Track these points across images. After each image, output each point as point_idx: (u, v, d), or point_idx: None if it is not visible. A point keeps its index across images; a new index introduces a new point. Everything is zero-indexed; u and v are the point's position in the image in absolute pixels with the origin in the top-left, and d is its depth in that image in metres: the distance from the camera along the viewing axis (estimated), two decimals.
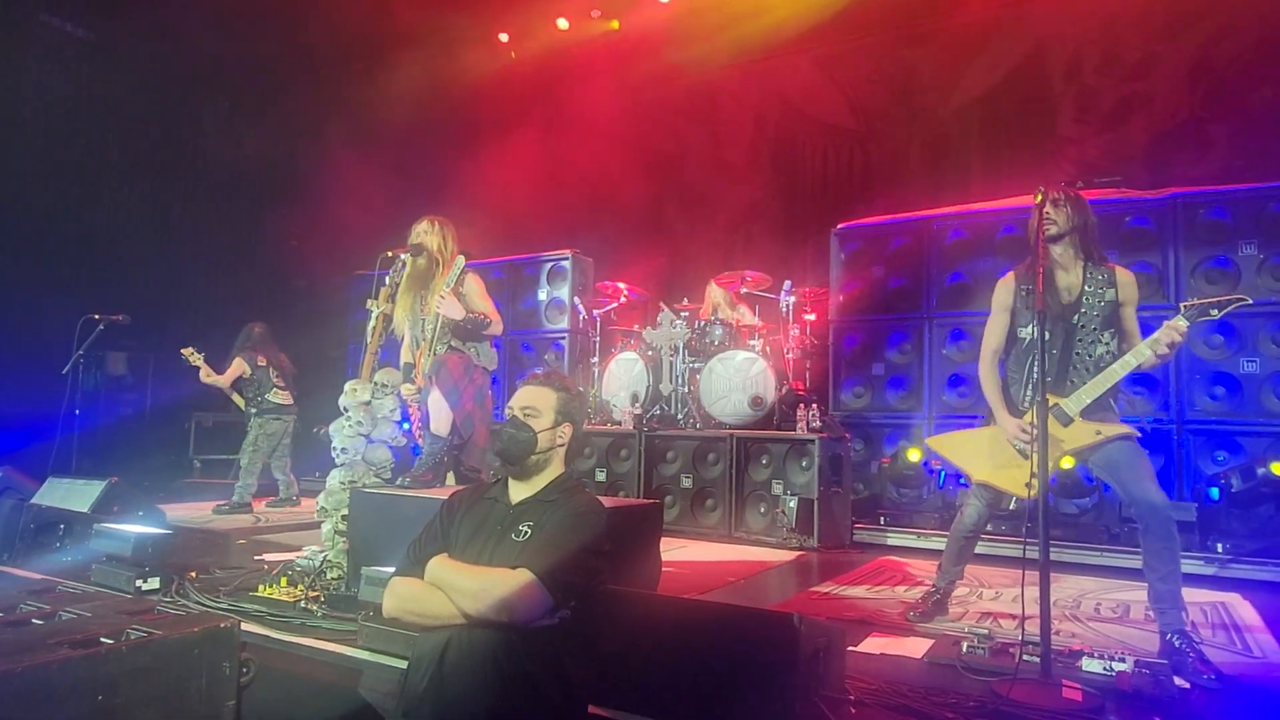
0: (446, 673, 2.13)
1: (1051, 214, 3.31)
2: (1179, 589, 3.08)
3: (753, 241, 9.42)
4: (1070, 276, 3.36)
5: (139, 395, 9.44)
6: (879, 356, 7.19)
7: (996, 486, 3.41)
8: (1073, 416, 3.23)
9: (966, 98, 8.42)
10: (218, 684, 2.47)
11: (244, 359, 7.25)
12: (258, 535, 5.60)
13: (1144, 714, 2.42)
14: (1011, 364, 3.49)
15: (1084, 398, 3.21)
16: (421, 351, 4.42)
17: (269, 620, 3.19)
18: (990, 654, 2.90)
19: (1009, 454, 3.35)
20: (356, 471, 4.01)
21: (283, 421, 7.22)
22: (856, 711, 2.42)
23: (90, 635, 2.36)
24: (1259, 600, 4.26)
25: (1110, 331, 3.29)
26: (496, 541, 2.32)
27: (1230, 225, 5.92)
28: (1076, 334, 3.30)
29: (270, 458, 7.22)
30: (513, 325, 8.65)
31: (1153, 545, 3.09)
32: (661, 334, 6.96)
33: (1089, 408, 3.22)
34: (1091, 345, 3.28)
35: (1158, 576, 3.09)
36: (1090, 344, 3.28)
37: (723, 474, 6.22)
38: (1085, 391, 3.21)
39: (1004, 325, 3.48)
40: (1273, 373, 5.66)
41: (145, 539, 3.73)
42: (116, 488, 4.62)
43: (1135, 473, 3.16)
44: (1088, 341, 3.29)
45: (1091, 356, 3.27)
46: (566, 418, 2.47)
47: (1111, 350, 3.28)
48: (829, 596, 4.21)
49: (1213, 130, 7.03)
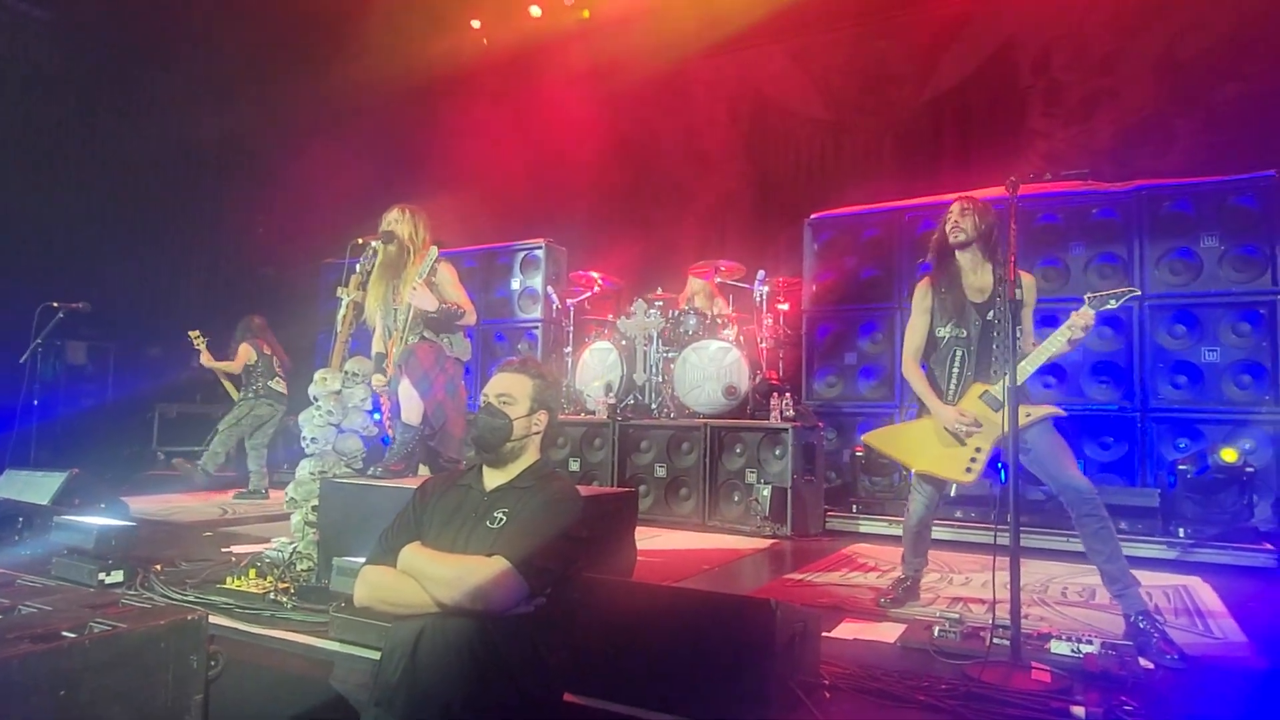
0: (420, 662, 2.11)
1: (960, 222, 3.56)
2: (1126, 565, 3.19)
3: (726, 231, 9.43)
4: (981, 278, 3.58)
5: (99, 385, 9.23)
6: (851, 346, 7.24)
7: (937, 475, 3.56)
8: (1003, 401, 3.29)
9: (938, 90, 8.49)
10: (185, 677, 2.42)
11: (250, 345, 7.25)
12: (225, 527, 5.51)
13: (1110, 694, 2.47)
14: (934, 362, 3.67)
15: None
16: (393, 341, 4.36)
17: (237, 612, 3.14)
18: (961, 638, 2.94)
19: (946, 441, 3.51)
20: (327, 461, 3.96)
21: (273, 409, 7.26)
22: (831, 696, 2.43)
23: (51, 629, 2.30)
24: (1219, 583, 4.36)
25: (1018, 329, 3.29)
26: (471, 529, 2.29)
27: (1193, 217, 6.04)
28: (992, 330, 3.49)
29: (249, 440, 7.18)
30: (486, 314, 8.58)
31: (1090, 527, 3.21)
32: (635, 323, 6.95)
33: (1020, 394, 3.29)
34: (1006, 336, 3.36)
35: (1103, 558, 3.20)
36: (1006, 333, 3.35)
37: (697, 463, 6.23)
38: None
39: (924, 326, 3.67)
40: (1233, 362, 5.78)
41: (108, 531, 3.65)
42: (77, 480, 4.52)
43: (1055, 457, 3.31)
44: (1005, 335, 3.35)
45: (1007, 346, 3.30)
46: (542, 405, 2.45)
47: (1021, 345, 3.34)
48: (803, 583, 4.24)
49: (1177, 125, 7.16)
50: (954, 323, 3.57)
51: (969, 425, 3.40)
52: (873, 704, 2.42)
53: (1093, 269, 6.32)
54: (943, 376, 3.60)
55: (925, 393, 3.59)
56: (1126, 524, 5.46)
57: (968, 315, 3.54)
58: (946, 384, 3.58)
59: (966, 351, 3.54)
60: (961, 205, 3.59)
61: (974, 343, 3.52)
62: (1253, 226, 5.83)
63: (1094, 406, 6.18)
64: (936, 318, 3.64)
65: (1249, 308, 5.77)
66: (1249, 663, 3.00)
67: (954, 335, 3.56)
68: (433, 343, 4.29)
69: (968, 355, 3.53)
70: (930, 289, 3.68)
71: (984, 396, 3.42)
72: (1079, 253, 6.40)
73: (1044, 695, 2.43)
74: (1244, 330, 5.78)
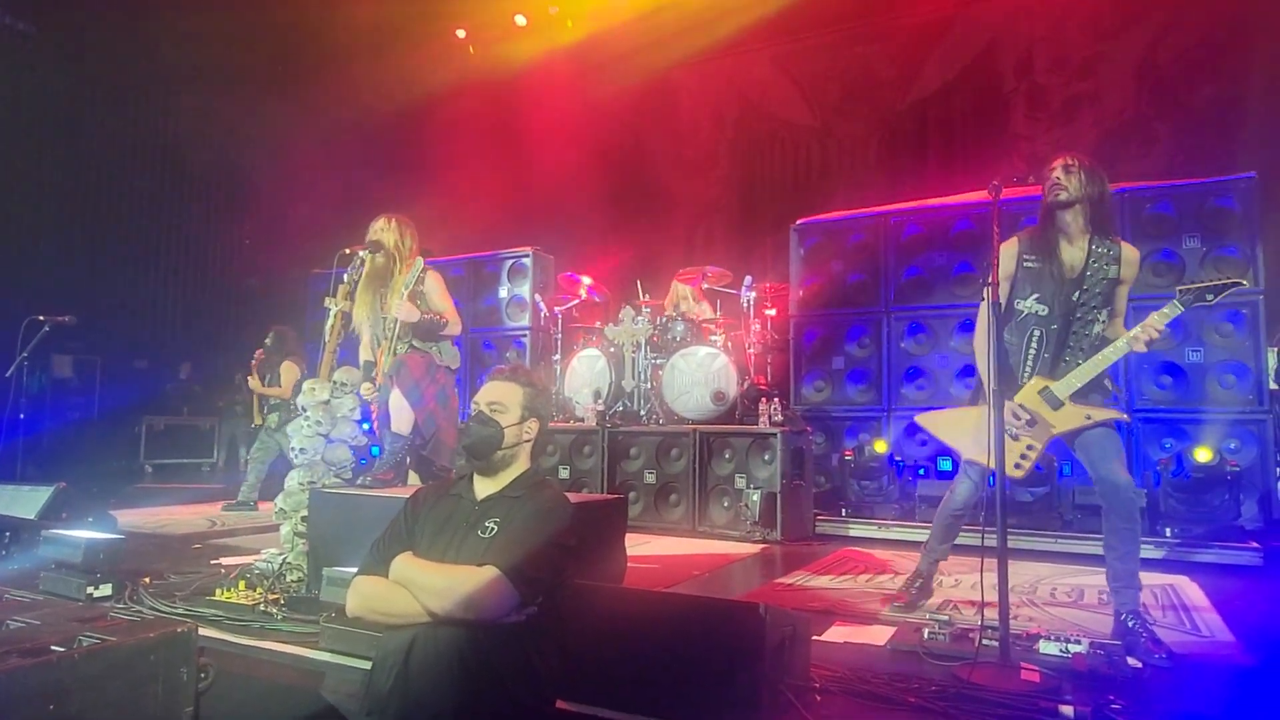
0: (412, 671, 2.11)
1: (1062, 179, 3.21)
2: (1137, 569, 3.14)
3: (713, 237, 9.48)
4: (1074, 250, 3.26)
5: (86, 399, 9.18)
6: (839, 350, 7.27)
7: (984, 465, 3.35)
8: (1063, 400, 3.19)
9: (922, 94, 8.56)
10: (175, 690, 2.41)
11: (294, 364, 7.12)
12: (213, 539, 5.48)
13: (1099, 693, 2.49)
14: (1010, 336, 3.35)
15: (1075, 381, 3.18)
16: (382, 350, 4.37)
17: (227, 624, 3.12)
18: (951, 639, 2.96)
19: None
20: (316, 472, 3.94)
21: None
22: (821, 699, 2.44)
23: (40, 643, 2.29)
24: (1206, 582, 4.40)
25: (1108, 310, 3.24)
26: (462, 538, 2.29)
27: (1174, 219, 6.10)
28: (1076, 311, 3.21)
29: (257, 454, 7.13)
30: (474, 323, 8.58)
31: (1115, 525, 3.14)
32: (623, 330, 6.96)
33: (1079, 391, 3.19)
34: (1089, 325, 3.22)
35: (1116, 555, 3.15)
36: (1089, 323, 3.22)
37: (686, 469, 6.24)
38: (1076, 375, 3.18)
39: (1002, 296, 3.28)
40: (1217, 362, 5.84)
41: (96, 545, 3.62)
42: (64, 494, 4.49)
43: (1105, 454, 3.17)
44: (1086, 320, 3.22)
45: (1089, 336, 3.22)
46: (533, 413, 2.46)
47: (1106, 330, 3.24)
48: (793, 588, 4.25)
49: (1157, 127, 7.25)
50: (1036, 297, 3.26)
51: (1020, 426, 3.22)
52: (863, 706, 2.43)
53: None
54: (1017, 353, 3.31)
55: (987, 380, 3.17)
56: None
57: (1054, 291, 3.23)
58: (1021, 363, 3.30)
59: (1045, 332, 3.25)
60: (1065, 162, 3.24)
61: (1056, 322, 3.24)
62: (1234, 227, 5.90)
63: None
64: (1020, 288, 3.30)
65: (1232, 308, 5.83)
66: (1236, 660, 3.03)
67: (1034, 311, 3.26)
68: (423, 352, 4.29)
69: (1046, 336, 3.25)
70: (1017, 252, 3.34)
71: (1043, 393, 3.22)
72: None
73: (1033, 695, 2.44)
74: (1227, 331, 5.85)
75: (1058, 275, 3.23)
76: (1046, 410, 3.21)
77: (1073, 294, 3.22)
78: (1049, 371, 3.25)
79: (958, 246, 6.86)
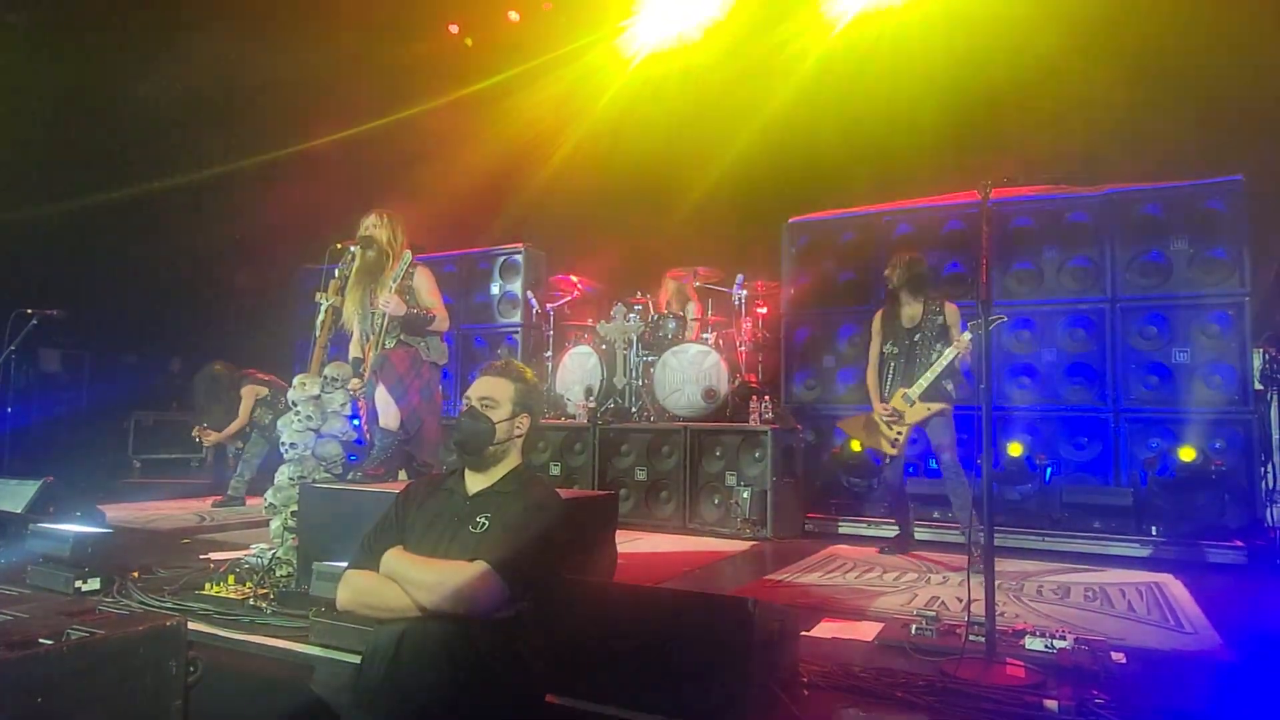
0: (402, 665, 2.11)
1: (890, 275, 5.17)
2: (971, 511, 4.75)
3: (705, 235, 9.46)
4: (912, 309, 5.12)
5: (74, 393, 9.12)
6: (830, 349, 7.29)
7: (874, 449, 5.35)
8: (915, 400, 4.97)
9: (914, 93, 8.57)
10: (164, 684, 2.40)
11: (250, 387, 6.95)
12: (202, 534, 5.46)
13: (1083, 688, 2.51)
14: (881, 367, 5.25)
15: (922, 383, 4.93)
16: (370, 345, 4.37)
17: (216, 619, 3.12)
18: (938, 635, 2.98)
19: (881, 429, 5.14)
20: (306, 467, 3.94)
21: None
22: (810, 694, 2.46)
23: (28, 636, 2.28)
24: (1190, 580, 4.44)
25: (942, 344, 4.95)
26: (453, 533, 2.30)
27: (1163, 221, 6.15)
28: (917, 347, 5.03)
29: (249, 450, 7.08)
30: (466, 319, 8.57)
31: (950, 484, 4.99)
32: (615, 327, 6.97)
33: (926, 392, 4.93)
34: (929, 354, 4.98)
35: (957, 501, 4.97)
36: (928, 353, 4.99)
37: (677, 466, 6.26)
38: (921, 380, 4.93)
39: (877, 344, 5.26)
40: (1204, 363, 5.89)
41: (84, 539, 3.62)
42: (52, 488, 4.47)
43: (943, 440, 4.97)
44: (926, 351, 5.00)
45: (929, 362, 4.96)
46: (524, 408, 2.46)
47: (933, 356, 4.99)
48: (782, 584, 4.27)
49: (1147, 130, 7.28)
50: (890, 343, 5.16)
51: (889, 417, 5.07)
52: (850, 701, 2.44)
53: (1066, 272, 6.42)
54: (885, 377, 5.19)
55: (873, 393, 5.26)
56: (1101, 523, 5.56)
57: (899, 337, 5.11)
58: (883, 384, 5.19)
59: (895, 362, 5.12)
60: (891, 263, 5.21)
61: (903, 356, 5.08)
62: (1221, 230, 5.94)
63: (1069, 407, 6.27)
64: (883, 338, 5.23)
65: (1218, 309, 5.88)
66: (1219, 657, 3.06)
67: (887, 352, 5.18)
68: (409, 347, 4.29)
69: (895, 365, 5.12)
70: (881, 319, 5.30)
71: (904, 397, 5.01)
72: (1052, 256, 6.49)
73: (1018, 690, 2.47)
74: (1213, 331, 5.89)
75: (900, 325, 5.14)
76: (905, 406, 5.03)
77: (914, 336, 5.06)
78: (906, 385, 5.02)
79: (948, 246, 6.90)
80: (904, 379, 5.03)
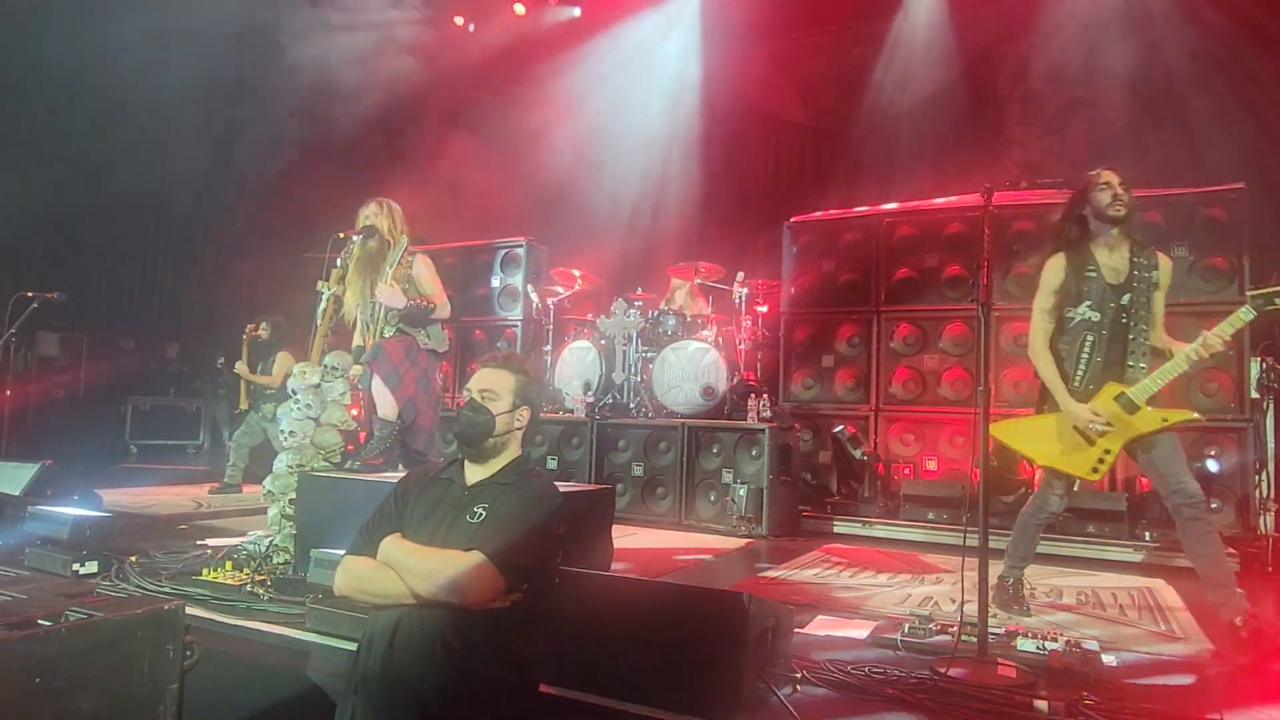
0: (396, 652, 2.13)
1: (1122, 194, 3.36)
2: (1230, 571, 3.22)
3: (707, 233, 9.49)
4: (1116, 258, 3.42)
5: (72, 377, 9.12)
6: (829, 349, 7.31)
7: (1063, 471, 3.49)
8: (1139, 405, 3.31)
9: (917, 97, 8.59)
10: (161, 667, 2.41)
11: (289, 354, 7.04)
12: (200, 521, 5.48)
13: (1074, 689, 2.53)
14: (1062, 345, 3.50)
15: (1151, 387, 3.31)
16: (369, 335, 4.38)
17: (214, 604, 3.14)
18: (931, 635, 3.00)
19: (1074, 440, 3.42)
20: (305, 455, 3.95)
21: None
22: (802, 689, 2.48)
23: (27, 617, 2.29)
24: (1183, 585, 4.45)
25: (1150, 316, 3.40)
26: (451, 523, 2.31)
27: (1163, 227, 6.15)
28: (1125, 316, 3.37)
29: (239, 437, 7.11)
30: (466, 312, 8.56)
31: (1195, 531, 3.22)
32: (615, 323, 6.97)
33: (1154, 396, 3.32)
34: (1143, 330, 3.37)
35: (1207, 562, 3.23)
36: (1142, 329, 3.37)
37: (674, 462, 6.27)
38: (1153, 381, 3.31)
39: (1054, 308, 3.49)
40: (1201, 370, 5.89)
41: (83, 522, 3.63)
42: (50, 471, 4.48)
43: (1177, 462, 3.31)
44: (1140, 326, 3.37)
45: (1145, 341, 3.37)
46: (525, 401, 2.47)
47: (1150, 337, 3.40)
48: (777, 581, 4.29)
49: (1149, 137, 7.31)
50: (1088, 305, 3.40)
51: (1102, 426, 3.33)
52: (842, 697, 2.47)
53: None
54: (1071, 360, 3.45)
55: (1056, 386, 3.44)
56: (1095, 527, 5.57)
57: (1103, 298, 3.39)
58: (1074, 370, 3.44)
59: (1098, 337, 3.40)
60: (1120, 176, 3.40)
61: (1106, 328, 3.38)
62: (1221, 237, 5.96)
63: None
64: (1069, 298, 3.45)
65: (1217, 317, 5.87)
66: (1208, 661, 3.08)
67: (1085, 319, 3.41)
68: (405, 337, 4.30)
69: (1099, 342, 3.40)
70: (1064, 265, 3.47)
71: (1119, 399, 3.33)
72: None
73: (1009, 690, 2.49)
74: None
75: (1103, 282, 3.40)
76: (1122, 414, 3.32)
77: (1120, 298, 3.38)
78: (1116, 377, 3.37)
79: (949, 248, 6.91)
80: (1108, 366, 3.41)
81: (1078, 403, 3.38)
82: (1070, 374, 3.45)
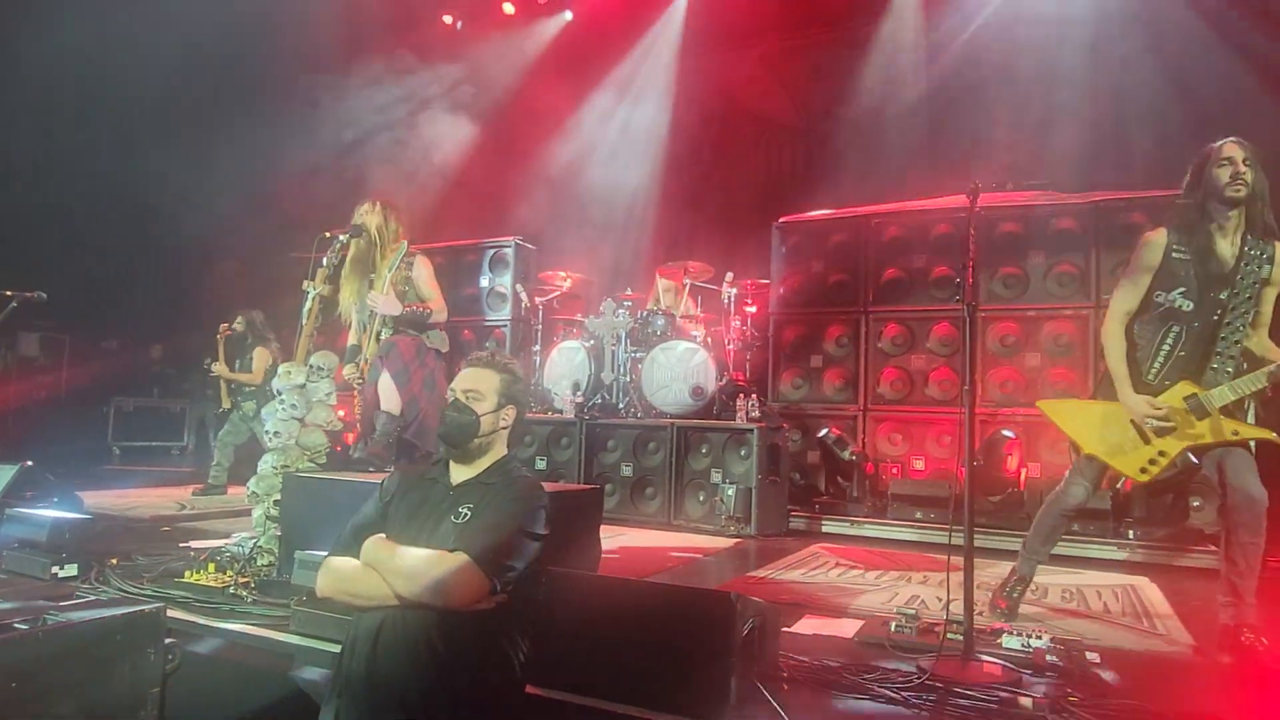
0: (380, 654, 2.11)
1: (1245, 174, 2.96)
2: (1252, 587, 2.97)
3: (696, 233, 9.49)
4: (1226, 245, 3.02)
5: (53, 378, 9.02)
6: (817, 349, 7.32)
7: (1106, 464, 3.19)
8: (1210, 412, 2.99)
9: (905, 99, 8.62)
10: (142, 670, 2.39)
11: (266, 350, 6.99)
12: (182, 523, 5.42)
13: (1058, 687, 2.55)
14: (1140, 330, 3.17)
15: (1228, 394, 2.98)
16: (367, 335, 4.37)
17: (196, 606, 3.10)
18: (917, 633, 3.01)
19: (1127, 434, 3.11)
20: (290, 456, 3.92)
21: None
22: (789, 688, 2.48)
23: (4, 620, 2.26)
24: (1165, 583, 4.49)
25: (1255, 313, 3.02)
26: (435, 523, 2.30)
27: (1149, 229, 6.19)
28: (1223, 313, 2.99)
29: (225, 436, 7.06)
30: (454, 312, 8.43)
31: (1241, 539, 2.94)
32: (604, 323, 6.97)
33: (1229, 405, 3.00)
34: (1238, 330, 3.00)
35: (1236, 572, 2.97)
36: (1238, 328, 3.00)
37: (663, 463, 6.27)
38: (1231, 389, 2.98)
39: (1143, 287, 3.14)
40: None
41: (62, 524, 3.58)
42: (29, 472, 4.42)
43: (1248, 467, 2.99)
44: (1235, 325, 3.00)
45: (1237, 343, 3.01)
46: (510, 400, 2.46)
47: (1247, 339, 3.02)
48: (765, 581, 4.29)
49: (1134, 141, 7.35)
50: (1180, 292, 3.03)
51: (1160, 422, 3.02)
52: (829, 696, 2.47)
53: (1052, 277, 6.48)
54: (1147, 348, 3.12)
55: (1119, 373, 3.11)
56: (1079, 525, 5.59)
57: (1202, 287, 3.00)
58: (1151, 359, 3.10)
59: (1186, 329, 3.03)
60: (1245, 151, 2.99)
61: (1197, 321, 3.01)
62: None
63: None
64: (1164, 281, 3.08)
65: None
66: (1191, 659, 3.10)
67: (1176, 306, 3.04)
68: (414, 337, 4.32)
69: (1185, 334, 3.03)
70: (1166, 244, 3.11)
71: (1190, 400, 3.00)
72: (1038, 261, 6.55)
73: (994, 687, 2.49)
74: None
75: (1207, 269, 3.02)
76: (1188, 417, 3.01)
77: (1221, 291, 3.00)
78: (1194, 377, 3.05)
79: (937, 249, 6.94)
80: (1190, 361, 3.06)
81: (1139, 395, 3.07)
82: (1144, 365, 3.11)
